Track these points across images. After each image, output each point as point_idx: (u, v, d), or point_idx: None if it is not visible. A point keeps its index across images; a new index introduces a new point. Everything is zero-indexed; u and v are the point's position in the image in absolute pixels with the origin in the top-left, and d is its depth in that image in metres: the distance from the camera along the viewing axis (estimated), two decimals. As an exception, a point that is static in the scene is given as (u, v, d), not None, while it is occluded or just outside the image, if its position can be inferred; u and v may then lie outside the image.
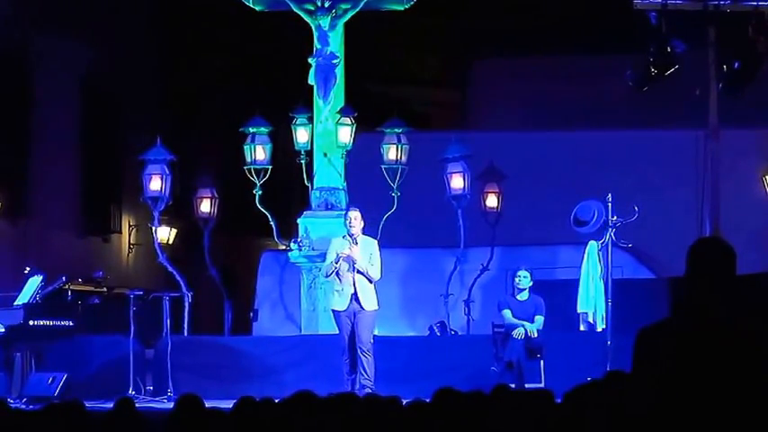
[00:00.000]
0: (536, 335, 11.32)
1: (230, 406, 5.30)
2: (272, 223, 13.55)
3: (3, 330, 11.14)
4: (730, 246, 3.89)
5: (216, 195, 14.10)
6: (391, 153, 13.28)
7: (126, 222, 18.81)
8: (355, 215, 10.81)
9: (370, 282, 10.77)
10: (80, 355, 11.81)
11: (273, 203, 13.80)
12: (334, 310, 10.87)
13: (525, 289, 11.63)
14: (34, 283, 11.39)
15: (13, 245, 15.88)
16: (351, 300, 10.71)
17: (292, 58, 14.24)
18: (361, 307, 10.71)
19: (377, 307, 10.83)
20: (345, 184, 13.28)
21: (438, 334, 13.04)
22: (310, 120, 13.29)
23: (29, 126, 16.61)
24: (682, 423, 3.72)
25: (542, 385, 10.89)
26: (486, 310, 12.96)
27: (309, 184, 13.32)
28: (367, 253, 10.80)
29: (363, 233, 10.92)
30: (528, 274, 11.66)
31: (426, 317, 13.48)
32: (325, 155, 13.29)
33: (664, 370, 3.76)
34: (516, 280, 11.71)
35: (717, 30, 12.78)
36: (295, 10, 13.22)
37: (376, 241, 11.11)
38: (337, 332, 10.96)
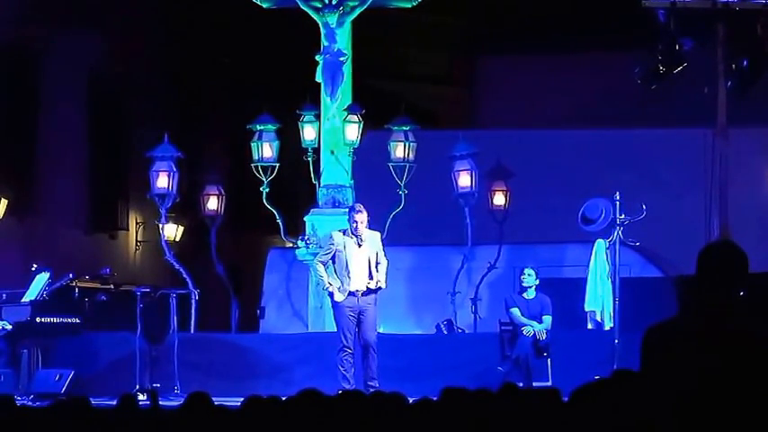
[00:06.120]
0: (545, 336, 11.30)
1: (237, 403, 5.29)
2: (279, 221, 13.55)
3: (10, 327, 11.16)
4: (742, 250, 3.87)
5: (223, 192, 14.10)
6: (398, 151, 13.27)
7: (133, 219, 18.83)
8: (361, 219, 10.71)
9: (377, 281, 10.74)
10: (87, 352, 11.82)
11: (280, 201, 13.80)
12: (336, 303, 10.79)
13: (531, 287, 11.62)
14: (41, 279, 11.40)
15: (21, 241, 15.90)
16: (354, 295, 10.65)
17: (300, 55, 14.23)
18: (367, 303, 10.66)
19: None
20: (352, 181, 13.27)
21: (445, 332, 13.03)
22: (317, 117, 13.28)
23: (36, 123, 16.63)
24: (690, 423, 3.71)
25: (549, 383, 10.88)
26: (494, 308, 12.94)
27: (316, 182, 13.31)
28: (374, 250, 10.76)
29: (368, 227, 10.88)
30: (533, 273, 11.65)
31: (433, 315, 13.46)
32: (333, 152, 13.28)
33: (672, 370, 3.74)
34: (522, 278, 11.72)
35: (725, 28, 12.75)
36: (302, 7, 13.22)
37: (379, 234, 11.07)
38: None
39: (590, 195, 11.57)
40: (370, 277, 10.63)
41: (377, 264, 10.71)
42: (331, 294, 10.71)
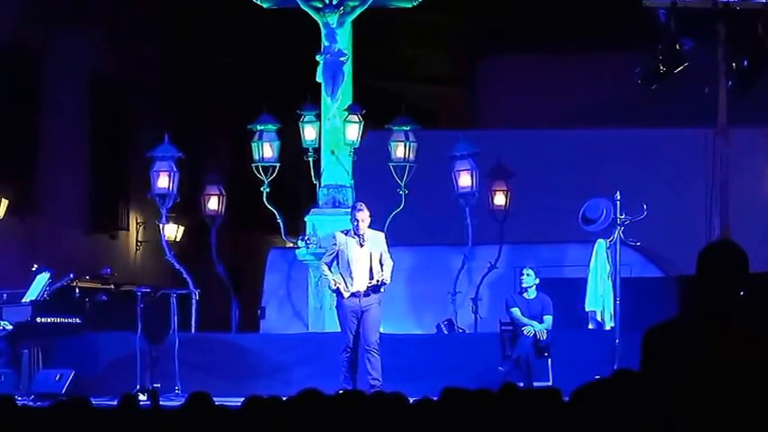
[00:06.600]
0: (545, 336, 11.30)
1: (237, 403, 5.29)
2: (279, 221, 13.55)
3: (11, 327, 11.15)
4: (742, 249, 3.87)
5: (223, 192, 14.11)
6: (399, 151, 13.27)
7: (133, 219, 18.83)
8: (363, 217, 10.71)
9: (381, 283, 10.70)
10: (87, 352, 11.82)
11: (281, 201, 13.80)
12: (339, 304, 10.78)
13: (530, 287, 11.62)
14: (42, 279, 11.39)
15: (22, 242, 15.89)
16: (356, 296, 10.63)
17: (300, 55, 14.23)
18: (368, 303, 10.64)
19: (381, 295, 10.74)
20: (353, 181, 13.27)
21: (445, 332, 13.03)
22: (318, 117, 13.28)
23: (37, 123, 16.63)
24: (690, 423, 3.70)
25: (550, 383, 10.88)
26: (494, 307, 12.94)
27: (317, 182, 13.31)
28: (378, 249, 10.73)
29: (369, 227, 10.86)
30: (532, 273, 11.64)
31: (434, 315, 13.47)
32: (333, 152, 13.28)
33: (673, 370, 3.74)
34: (521, 278, 11.72)
35: (726, 27, 12.75)
36: (303, 7, 13.22)
37: (383, 234, 11.05)
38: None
39: (590, 195, 11.57)
40: (372, 277, 10.61)
41: (381, 264, 10.67)
42: (337, 291, 10.67)
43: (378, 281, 10.58)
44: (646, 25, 12.65)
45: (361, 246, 10.67)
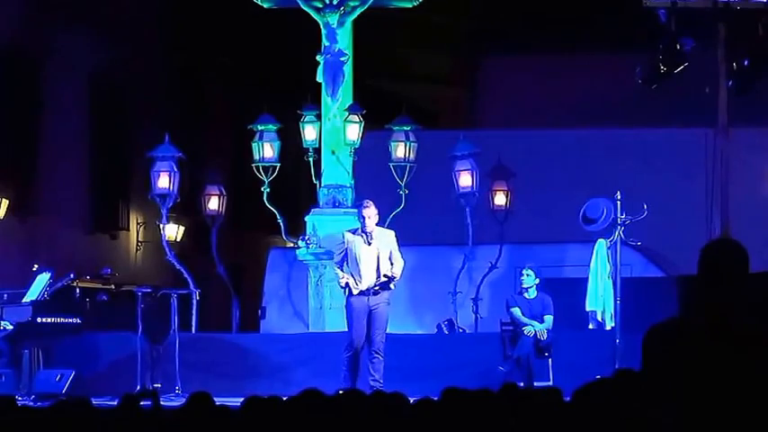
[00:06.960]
0: (546, 336, 11.30)
1: (238, 403, 5.29)
2: (279, 220, 13.55)
3: (11, 327, 11.15)
4: (743, 247, 3.87)
5: (224, 192, 14.12)
6: (399, 151, 13.28)
7: (134, 219, 18.84)
8: (369, 213, 10.70)
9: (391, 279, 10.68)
10: (88, 352, 11.82)
11: (281, 201, 13.80)
12: (348, 302, 10.76)
13: (531, 287, 11.62)
14: (42, 279, 11.39)
15: (22, 242, 15.90)
16: (365, 294, 10.61)
17: (300, 55, 14.23)
18: (376, 302, 10.62)
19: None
20: (353, 181, 13.27)
21: (446, 332, 13.03)
22: (318, 117, 13.28)
23: (38, 124, 16.64)
24: (691, 423, 3.70)
25: (551, 383, 10.88)
26: (495, 307, 12.94)
27: (317, 182, 13.31)
28: (386, 248, 10.71)
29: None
30: (532, 273, 11.64)
31: (434, 314, 13.47)
32: (334, 152, 13.28)
33: (673, 369, 3.74)
34: (521, 279, 11.72)
35: (726, 27, 12.75)
36: (303, 7, 13.22)
37: (393, 233, 11.01)
38: (345, 329, 10.91)
39: (591, 195, 11.56)
40: (380, 276, 10.59)
41: (391, 264, 10.63)
42: (347, 286, 10.63)
43: (385, 276, 10.54)
44: (646, 25, 12.66)
45: (369, 244, 10.66)
